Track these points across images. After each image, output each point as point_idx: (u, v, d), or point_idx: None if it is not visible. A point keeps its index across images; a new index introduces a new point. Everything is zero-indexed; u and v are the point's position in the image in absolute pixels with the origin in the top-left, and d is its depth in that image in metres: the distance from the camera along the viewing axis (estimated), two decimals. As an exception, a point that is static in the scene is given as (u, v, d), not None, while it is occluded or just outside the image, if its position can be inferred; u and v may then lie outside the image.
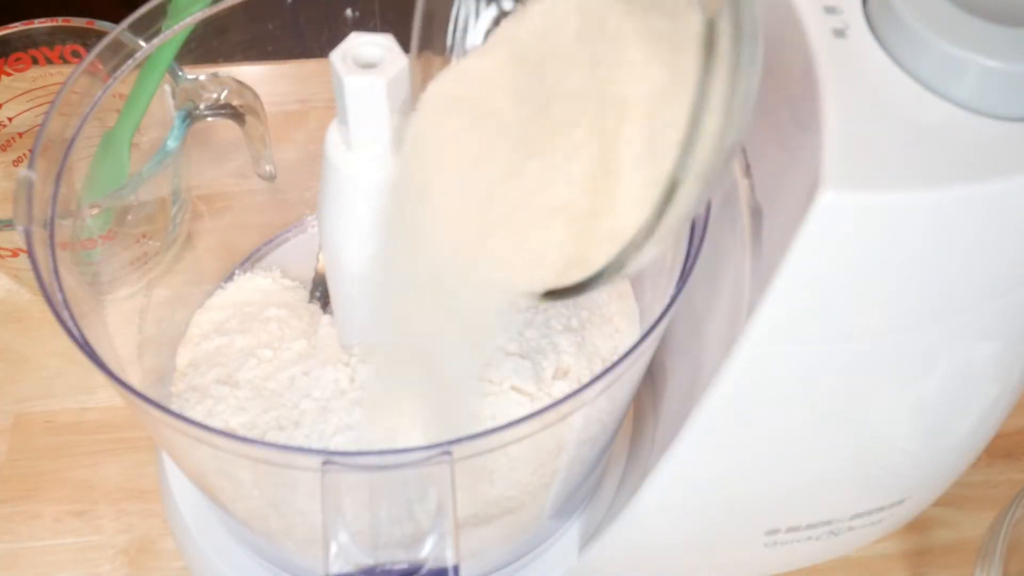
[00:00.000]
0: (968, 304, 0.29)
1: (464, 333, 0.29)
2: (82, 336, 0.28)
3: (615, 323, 0.41)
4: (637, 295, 0.42)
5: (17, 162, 0.52)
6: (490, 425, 0.26)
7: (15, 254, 0.46)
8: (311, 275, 0.45)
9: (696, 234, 0.30)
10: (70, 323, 0.29)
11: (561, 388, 0.38)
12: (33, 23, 0.48)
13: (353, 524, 0.25)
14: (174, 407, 0.39)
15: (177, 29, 0.36)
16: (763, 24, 0.21)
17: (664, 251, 0.22)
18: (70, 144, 0.33)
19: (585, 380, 0.37)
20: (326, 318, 0.41)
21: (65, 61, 0.49)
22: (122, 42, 0.35)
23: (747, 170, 0.30)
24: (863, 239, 0.27)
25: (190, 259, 0.49)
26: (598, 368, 0.39)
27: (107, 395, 0.50)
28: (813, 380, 0.31)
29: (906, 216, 0.26)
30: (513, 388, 0.37)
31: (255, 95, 0.43)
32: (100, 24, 0.48)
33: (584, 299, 0.42)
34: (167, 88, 0.46)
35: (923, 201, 0.26)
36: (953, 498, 0.47)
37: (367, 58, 0.29)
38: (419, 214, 0.28)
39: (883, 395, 0.32)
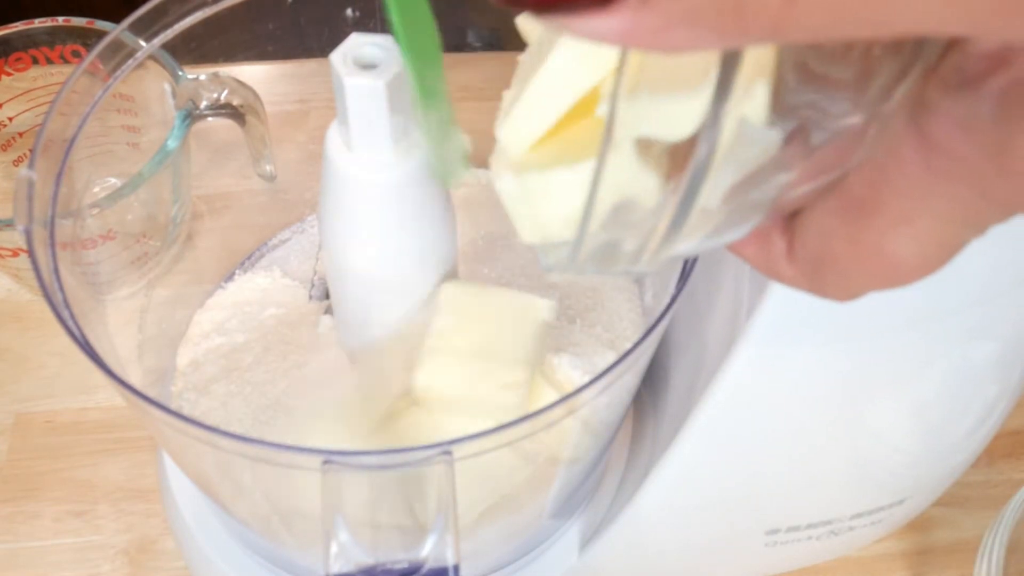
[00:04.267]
0: (967, 303, 0.29)
1: None
2: (82, 336, 0.28)
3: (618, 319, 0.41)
4: (638, 295, 0.42)
5: (17, 162, 0.52)
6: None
7: (15, 254, 0.46)
8: (311, 275, 0.45)
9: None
10: (70, 323, 0.29)
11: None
12: (33, 23, 0.48)
13: (353, 524, 0.25)
14: (174, 407, 0.39)
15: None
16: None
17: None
18: (70, 144, 0.33)
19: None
20: (326, 318, 0.41)
21: (65, 61, 0.49)
22: (122, 42, 0.35)
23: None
24: (863, 239, 0.27)
25: (190, 259, 0.49)
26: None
27: (107, 395, 0.50)
28: (813, 380, 0.31)
29: (906, 216, 0.26)
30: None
31: (255, 95, 0.43)
32: (100, 24, 0.48)
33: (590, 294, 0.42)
34: (167, 88, 0.46)
35: (923, 201, 0.26)
36: (953, 498, 0.47)
37: (367, 59, 0.29)
38: None
39: (883, 395, 0.32)
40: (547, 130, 0.20)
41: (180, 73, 0.44)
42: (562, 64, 0.19)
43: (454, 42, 0.49)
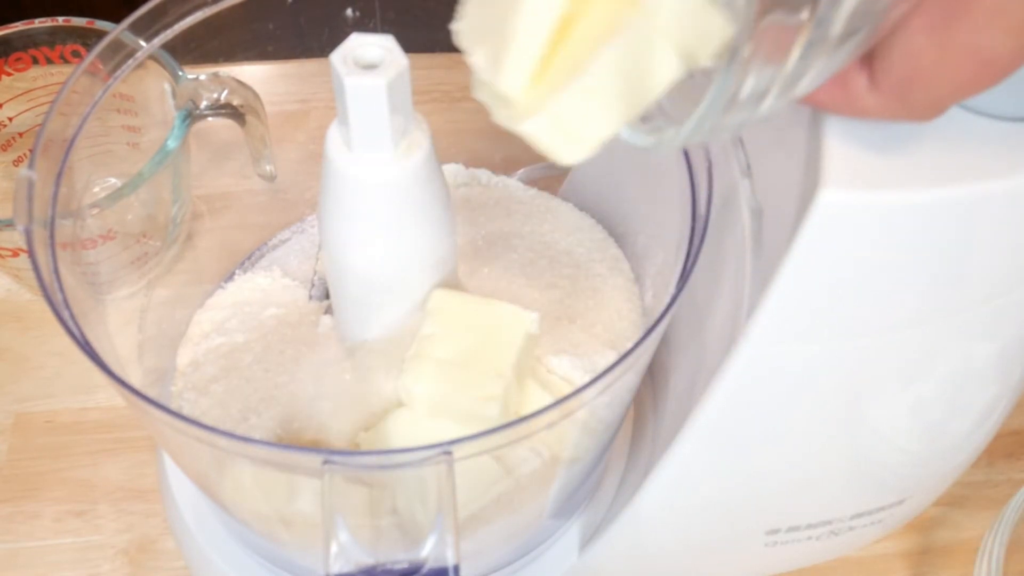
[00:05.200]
0: (968, 304, 0.29)
1: None
2: (82, 336, 0.28)
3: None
4: (638, 295, 0.42)
5: (17, 162, 0.52)
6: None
7: (15, 254, 0.46)
8: (311, 275, 0.45)
9: (696, 234, 0.30)
10: (70, 323, 0.29)
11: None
12: (33, 23, 0.48)
13: (353, 524, 0.25)
14: (174, 407, 0.39)
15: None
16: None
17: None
18: (70, 144, 0.33)
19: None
20: (326, 318, 0.41)
21: (65, 61, 0.49)
22: (122, 42, 0.35)
23: (747, 170, 0.31)
24: (863, 238, 0.27)
25: (190, 259, 0.49)
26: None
27: (107, 395, 0.50)
28: (813, 379, 0.31)
29: (906, 215, 0.26)
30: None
31: (255, 95, 0.43)
32: (100, 24, 0.48)
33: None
34: (167, 88, 0.46)
35: (923, 201, 0.26)
36: (953, 498, 0.47)
37: (368, 59, 0.29)
38: None
39: (883, 395, 0.32)
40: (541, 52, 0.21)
41: (180, 73, 0.44)
42: None
43: (454, 42, 0.49)
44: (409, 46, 0.29)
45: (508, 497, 0.35)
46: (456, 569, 0.25)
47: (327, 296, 0.43)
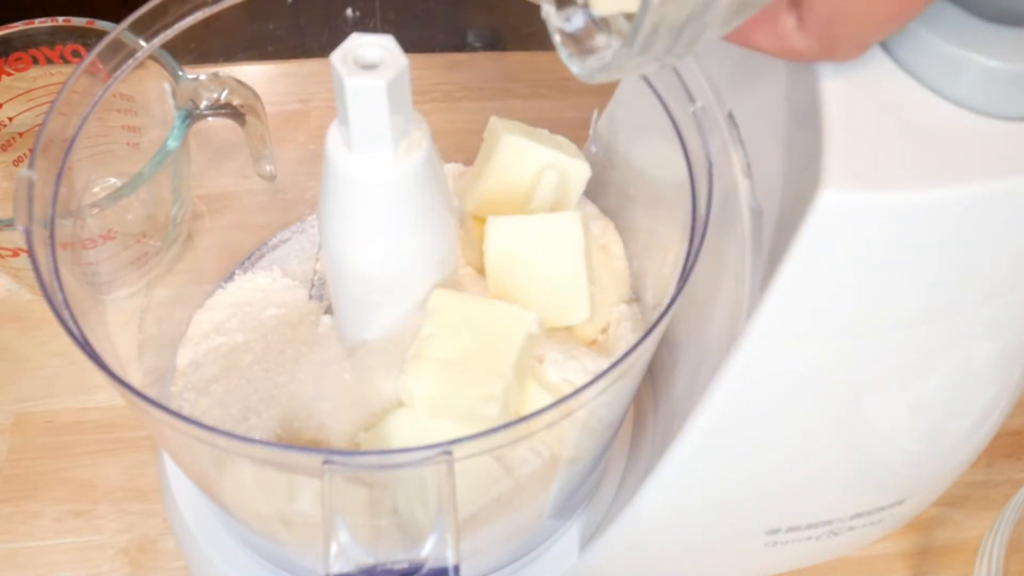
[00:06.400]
0: (968, 304, 0.29)
1: None
2: (82, 336, 0.28)
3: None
4: (637, 295, 0.42)
5: (17, 162, 0.52)
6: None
7: (15, 254, 0.46)
8: (311, 275, 0.45)
9: (696, 234, 0.30)
10: (70, 323, 0.29)
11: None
12: (33, 23, 0.48)
13: (353, 524, 0.25)
14: (174, 407, 0.39)
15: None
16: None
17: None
18: (70, 144, 0.33)
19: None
20: (326, 318, 0.41)
21: (65, 61, 0.49)
22: (122, 42, 0.35)
23: (747, 170, 0.31)
24: (863, 238, 0.27)
25: (190, 259, 0.49)
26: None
27: (107, 395, 0.50)
28: (813, 379, 0.31)
29: (906, 216, 0.26)
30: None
31: (255, 95, 0.43)
32: (100, 24, 0.48)
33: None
34: (167, 88, 0.46)
35: (923, 201, 0.26)
36: (953, 498, 0.47)
37: (368, 59, 0.29)
38: None
39: (883, 394, 0.32)
40: None
41: (180, 73, 0.44)
42: None
43: (454, 42, 0.49)
44: (409, 46, 0.29)
45: (508, 497, 0.35)
46: (456, 569, 0.25)
47: (328, 296, 0.43)
